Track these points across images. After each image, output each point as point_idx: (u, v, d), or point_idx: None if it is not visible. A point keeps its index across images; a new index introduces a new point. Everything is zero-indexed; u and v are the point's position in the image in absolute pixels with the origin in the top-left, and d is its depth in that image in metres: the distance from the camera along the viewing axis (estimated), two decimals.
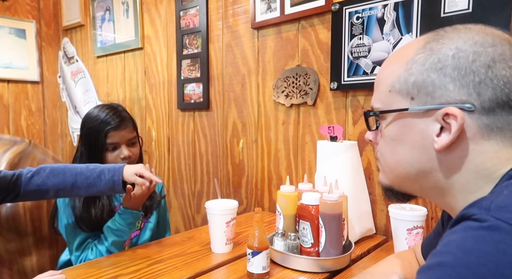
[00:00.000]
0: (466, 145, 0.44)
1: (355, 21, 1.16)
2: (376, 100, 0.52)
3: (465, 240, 0.35)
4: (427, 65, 0.45)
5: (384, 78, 0.51)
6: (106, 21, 2.14)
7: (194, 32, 1.68)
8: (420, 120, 0.46)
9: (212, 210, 0.98)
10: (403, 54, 0.49)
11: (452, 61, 0.44)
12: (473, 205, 0.38)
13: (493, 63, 0.43)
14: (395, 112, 0.49)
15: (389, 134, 0.51)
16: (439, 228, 0.64)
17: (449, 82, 0.44)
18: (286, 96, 1.37)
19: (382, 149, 0.53)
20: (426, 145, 0.46)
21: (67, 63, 2.49)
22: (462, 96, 0.43)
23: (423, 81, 0.45)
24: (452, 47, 0.44)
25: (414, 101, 0.47)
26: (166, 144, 1.90)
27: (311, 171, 1.32)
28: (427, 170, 0.47)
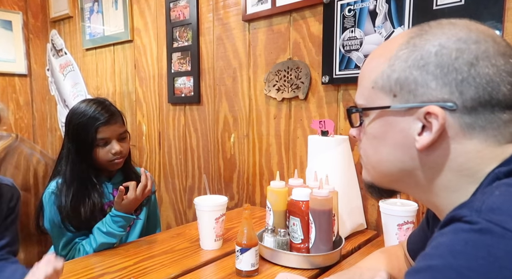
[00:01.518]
0: (447, 144, 0.43)
1: (347, 13, 1.14)
2: (359, 96, 0.51)
3: (455, 243, 0.34)
4: (410, 61, 0.44)
5: (368, 73, 0.49)
6: (94, 13, 2.09)
7: (185, 25, 1.65)
8: (402, 119, 0.45)
9: (200, 207, 0.97)
10: (387, 49, 0.48)
11: (435, 58, 0.43)
12: (464, 206, 0.37)
13: (476, 60, 0.41)
14: (377, 109, 0.48)
15: (371, 132, 0.50)
16: (424, 225, 0.64)
17: (431, 79, 0.43)
18: (278, 90, 1.35)
19: (364, 146, 0.52)
20: (407, 144, 0.45)
21: (55, 56, 2.44)
22: (444, 95, 0.42)
23: (405, 79, 0.44)
24: (435, 44, 0.43)
25: (397, 98, 0.45)
26: (157, 138, 1.87)
27: (303, 166, 1.31)
28: (409, 169, 0.47)
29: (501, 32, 0.89)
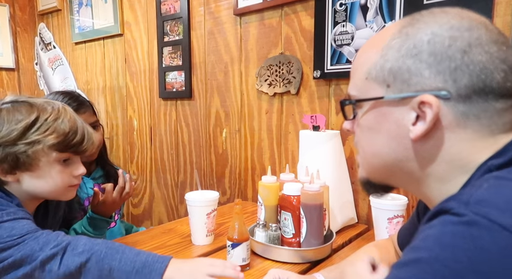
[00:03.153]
0: (441, 134, 0.43)
1: (338, 8, 1.14)
2: (352, 87, 0.50)
3: (442, 235, 0.34)
4: (402, 51, 0.44)
5: (361, 64, 0.49)
6: (83, 6, 2.05)
7: (175, 18, 1.63)
8: (396, 109, 0.45)
9: (192, 202, 0.96)
10: (379, 39, 0.47)
11: (428, 46, 0.42)
12: (452, 198, 0.37)
13: (469, 48, 0.41)
14: (371, 100, 0.47)
15: (365, 123, 0.49)
16: (414, 218, 0.64)
17: (425, 68, 0.42)
18: (269, 85, 1.35)
19: (359, 139, 0.52)
20: (401, 134, 0.45)
21: (44, 50, 2.40)
22: (438, 83, 0.42)
23: (399, 68, 0.44)
24: (427, 32, 0.43)
25: (390, 89, 0.45)
26: (148, 134, 1.85)
27: (294, 160, 1.31)
28: (403, 159, 0.46)
29: None
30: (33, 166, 0.70)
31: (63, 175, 0.73)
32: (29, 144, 0.68)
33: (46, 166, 0.71)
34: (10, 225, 0.63)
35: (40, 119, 0.69)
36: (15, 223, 0.64)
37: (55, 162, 0.72)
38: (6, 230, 0.62)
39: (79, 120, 0.76)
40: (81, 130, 0.74)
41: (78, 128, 0.74)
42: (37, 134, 0.69)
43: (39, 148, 0.69)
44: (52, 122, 0.70)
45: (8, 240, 0.61)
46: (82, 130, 0.75)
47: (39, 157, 0.69)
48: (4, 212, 0.65)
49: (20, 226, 0.64)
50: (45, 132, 0.69)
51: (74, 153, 0.74)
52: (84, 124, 0.77)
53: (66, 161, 0.74)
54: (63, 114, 0.72)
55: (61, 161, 0.73)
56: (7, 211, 0.65)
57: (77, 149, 0.74)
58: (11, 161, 0.68)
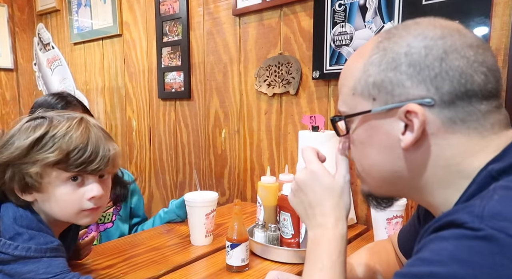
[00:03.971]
0: (431, 140, 0.43)
1: (337, 8, 1.14)
2: (341, 103, 0.52)
3: (459, 250, 0.33)
4: (382, 65, 0.45)
5: (346, 81, 0.50)
6: (82, 6, 2.05)
7: (174, 19, 1.63)
8: (384, 121, 0.46)
9: (191, 203, 0.96)
10: (360, 56, 0.48)
11: (405, 58, 0.43)
12: (462, 210, 0.36)
13: (445, 55, 0.42)
14: (359, 115, 0.48)
15: (357, 138, 0.50)
16: (415, 221, 0.63)
17: (406, 79, 0.43)
18: (268, 85, 1.35)
19: (354, 154, 0.52)
20: (393, 145, 0.46)
21: (42, 50, 2.39)
22: (420, 92, 0.43)
23: (381, 81, 0.45)
24: (403, 45, 0.44)
25: (376, 101, 0.46)
26: (147, 134, 1.85)
27: (294, 161, 1.31)
28: (399, 170, 0.47)
29: (488, 27, 0.90)
30: (39, 188, 0.64)
31: (72, 197, 0.65)
32: (30, 164, 0.62)
33: (52, 187, 0.64)
34: (48, 261, 0.62)
35: (47, 136, 0.63)
36: (53, 261, 0.63)
37: (62, 183, 0.64)
38: (44, 265, 0.62)
39: (95, 136, 0.65)
40: (94, 146, 0.64)
41: (89, 144, 0.64)
42: (40, 152, 0.62)
43: (38, 168, 0.62)
44: (59, 138, 0.62)
45: (43, 277, 0.61)
46: (96, 147, 0.64)
47: (40, 178, 0.63)
48: (49, 247, 0.63)
49: (56, 264, 0.63)
50: (49, 150, 0.62)
51: (84, 172, 0.64)
52: (102, 140, 0.66)
53: (77, 181, 0.65)
54: (74, 129, 0.64)
55: (69, 181, 0.64)
56: (51, 246, 0.63)
57: (86, 168, 0.63)
58: (19, 181, 0.63)
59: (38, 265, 0.62)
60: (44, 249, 0.63)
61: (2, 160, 0.63)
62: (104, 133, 0.68)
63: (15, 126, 0.66)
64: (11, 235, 0.62)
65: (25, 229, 0.63)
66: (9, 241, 0.61)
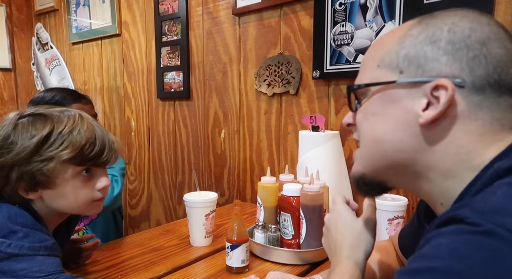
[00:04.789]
0: (451, 122, 0.42)
1: (337, 7, 1.13)
2: (361, 76, 0.49)
3: (457, 244, 0.32)
4: (421, 37, 0.44)
5: (372, 54, 0.48)
6: (81, 6, 2.04)
7: (174, 18, 1.62)
8: (406, 94, 0.44)
9: (190, 203, 0.95)
10: (397, 31, 0.47)
11: (447, 34, 0.42)
12: (464, 206, 0.36)
13: (488, 40, 0.41)
14: (381, 84, 0.46)
15: (370, 109, 0.48)
16: (415, 220, 0.63)
17: (442, 55, 0.42)
18: (268, 85, 1.34)
19: (360, 126, 0.50)
20: (409, 120, 0.44)
21: (41, 50, 2.38)
22: (454, 70, 0.41)
23: (415, 53, 0.44)
24: (448, 22, 0.43)
25: (403, 74, 0.44)
26: (146, 134, 1.84)
27: (294, 161, 1.30)
28: (407, 149, 0.45)
29: None
30: (51, 184, 0.64)
31: (85, 190, 0.67)
32: (43, 161, 0.62)
33: (65, 182, 0.65)
34: (42, 260, 0.62)
35: (54, 133, 0.63)
36: (47, 259, 0.62)
37: (74, 177, 0.65)
38: (37, 264, 0.61)
39: (98, 129, 0.68)
40: (101, 139, 0.67)
41: (97, 138, 0.66)
42: (51, 149, 0.63)
43: (54, 165, 0.63)
44: (67, 135, 0.64)
45: (36, 275, 0.60)
46: (102, 140, 0.67)
47: (55, 174, 0.64)
48: (43, 245, 0.63)
49: (50, 263, 0.62)
50: (60, 146, 0.63)
51: (94, 165, 0.67)
52: (104, 132, 0.69)
53: (87, 173, 0.67)
54: (79, 125, 0.65)
55: (80, 174, 0.66)
56: (45, 245, 0.63)
57: (96, 161, 0.67)
58: (28, 180, 0.63)
59: (31, 263, 0.61)
60: (38, 247, 0.62)
61: (8, 161, 0.62)
62: (101, 127, 0.71)
63: (4, 124, 0.65)
64: (5, 233, 0.61)
65: (19, 226, 0.62)
66: (2, 238, 0.60)
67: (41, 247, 0.62)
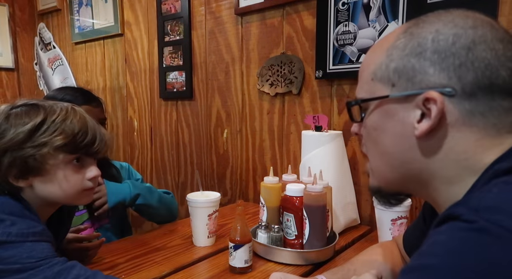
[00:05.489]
0: (446, 131, 0.42)
1: (340, 7, 1.13)
2: (359, 89, 0.51)
3: (451, 241, 0.33)
4: (407, 50, 0.44)
5: (367, 66, 0.49)
6: (83, 6, 2.04)
7: (176, 18, 1.62)
8: (401, 107, 0.45)
9: (193, 203, 0.95)
10: (385, 41, 0.47)
11: (432, 44, 0.42)
12: (460, 203, 0.36)
13: (474, 45, 0.41)
14: (376, 100, 0.47)
15: (371, 124, 0.49)
16: (420, 221, 0.63)
17: (429, 66, 0.42)
18: (271, 85, 1.34)
19: (366, 141, 0.51)
20: (406, 132, 0.45)
21: (43, 50, 2.39)
22: (442, 80, 0.41)
23: (403, 67, 0.44)
24: (431, 30, 0.43)
25: (395, 87, 0.45)
26: (148, 134, 1.84)
27: (296, 161, 1.30)
28: (409, 160, 0.46)
29: None
30: (43, 170, 0.65)
31: (75, 178, 0.68)
32: (36, 147, 0.64)
33: (56, 169, 0.66)
34: (31, 246, 0.61)
35: (47, 121, 0.65)
36: (36, 245, 0.62)
37: (65, 165, 0.67)
38: (26, 250, 0.61)
39: (90, 121, 0.70)
40: (92, 130, 0.69)
41: (89, 128, 0.68)
42: (44, 136, 0.64)
43: (47, 151, 0.64)
44: (60, 123, 0.65)
45: (26, 261, 0.60)
46: (94, 131, 0.69)
47: (47, 161, 0.65)
48: (32, 231, 0.62)
49: (40, 249, 0.62)
50: (53, 133, 0.65)
51: (85, 155, 0.69)
52: (96, 124, 0.71)
53: (79, 163, 0.68)
54: (72, 115, 0.67)
55: (72, 163, 0.67)
56: (34, 231, 0.63)
57: (88, 150, 0.68)
58: (19, 165, 0.64)
59: (21, 249, 0.60)
60: (26, 234, 0.61)
61: (0, 147, 0.63)
62: (93, 120, 0.72)
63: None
64: None
65: (6, 215, 0.62)
66: None
67: (30, 234, 0.62)
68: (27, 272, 0.59)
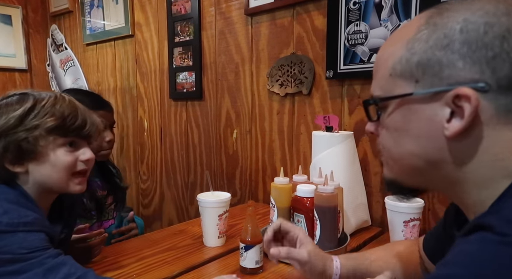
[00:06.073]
0: (481, 131, 0.38)
1: (351, 6, 1.12)
2: (375, 87, 0.47)
3: (482, 254, 0.31)
4: (431, 42, 0.40)
5: (384, 61, 0.45)
6: (95, 7, 2.07)
7: (186, 19, 1.63)
8: (427, 106, 0.41)
9: (204, 203, 0.95)
10: (404, 33, 0.43)
11: (460, 35, 0.38)
12: (492, 213, 0.34)
13: (509, 33, 0.37)
14: (398, 98, 0.43)
15: (392, 124, 0.45)
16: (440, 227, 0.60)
17: (457, 59, 0.38)
18: (281, 85, 1.33)
19: (384, 141, 0.47)
20: (434, 133, 0.41)
21: (55, 51, 2.42)
22: (474, 74, 0.38)
23: (428, 60, 0.40)
24: (459, 20, 0.39)
25: (419, 84, 0.41)
26: (158, 134, 1.86)
27: (306, 162, 1.29)
28: (437, 161, 0.42)
29: None
30: (37, 153, 0.67)
31: (68, 159, 0.69)
32: (28, 130, 0.66)
33: (50, 152, 0.68)
34: (23, 236, 0.61)
35: (37, 106, 0.68)
36: (28, 235, 0.62)
37: (58, 147, 0.69)
38: (18, 240, 0.61)
39: (80, 106, 0.72)
40: (83, 114, 0.71)
41: (79, 112, 0.71)
42: (35, 119, 0.67)
43: (39, 133, 0.67)
44: (50, 107, 0.68)
45: (18, 252, 0.60)
46: (84, 115, 0.71)
47: (40, 144, 0.67)
48: (22, 221, 0.62)
49: (32, 239, 0.62)
50: (44, 116, 0.67)
51: (78, 137, 0.71)
52: (86, 110, 0.73)
53: (72, 145, 0.71)
54: (61, 100, 0.70)
55: (65, 145, 0.69)
56: (25, 220, 0.63)
57: (80, 133, 0.71)
58: (14, 150, 0.66)
59: (12, 239, 0.60)
60: (16, 223, 0.61)
61: None
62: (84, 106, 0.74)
63: None
64: None
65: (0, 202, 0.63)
66: None
67: (20, 223, 0.62)
68: (19, 264, 0.60)
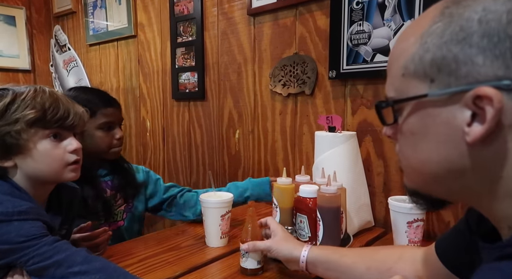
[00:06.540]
0: (507, 135, 0.34)
1: (354, 6, 1.11)
2: (389, 87, 0.43)
3: None
4: (446, 36, 0.36)
5: (396, 59, 0.41)
6: (98, 8, 2.07)
7: (189, 19, 1.63)
8: (444, 108, 0.36)
9: (206, 203, 0.95)
10: (417, 26, 0.39)
11: (479, 26, 0.34)
12: None
13: None
14: (412, 100, 0.39)
15: (408, 127, 0.41)
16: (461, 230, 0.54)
17: (476, 54, 0.34)
18: (283, 85, 1.33)
19: (402, 146, 0.43)
20: (454, 138, 0.36)
21: (59, 52, 2.43)
22: (496, 71, 0.33)
23: (443, 58, 0.36)
24: (477, 9, 0.34)
25: (435, 84, 0.37)
26: (161, 134, 1.86)
27: (309, 162, 1.29)
28: (459, 169, 0.37)
29: None
30: (22, 147, 0.67)
31: (55, 151, 0.69)
32: (10, 124, 0.66)
33: (34, 145, 0.68)
34: (19, 225, 0.62)
35: (17, 100, 0.67)
36: (24, 224, 0.62)
37: (43, 139, 0.68)
38: (15, 229, 0.62)
39: (62, 97, 0.71)
40: (65, 105, 0.70)
41: (61, 103, 0.70)
42: (16, 113, 0.67)
43: (20, 127, 0.66)
44: (30, 100, 0.68)
45: (15, 240, 0.61)
46: (66, 106, 0.70)
47: (24, 137, 0.67)
48: (17, 210, 0.63)
49: (28, 228, 0.62)
50: (24, 110, 0.67)
51: (61, 129, 0.70)
52: (69, 101, 0.72)
53: (57, 138, 0.70)
54: (41, 93, 0.70)
55: (49, 138, 0.69)
56: (19, 209, 0.63)
57: (63, 124, 0.70)
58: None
59: (8, 228, 0.61)
60: (11, 212, 0.62)
61: None
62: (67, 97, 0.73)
63: None
64: None
65: None
66: None
67: (15, 212, 0.63)
68: (18, 254, 0.61)
